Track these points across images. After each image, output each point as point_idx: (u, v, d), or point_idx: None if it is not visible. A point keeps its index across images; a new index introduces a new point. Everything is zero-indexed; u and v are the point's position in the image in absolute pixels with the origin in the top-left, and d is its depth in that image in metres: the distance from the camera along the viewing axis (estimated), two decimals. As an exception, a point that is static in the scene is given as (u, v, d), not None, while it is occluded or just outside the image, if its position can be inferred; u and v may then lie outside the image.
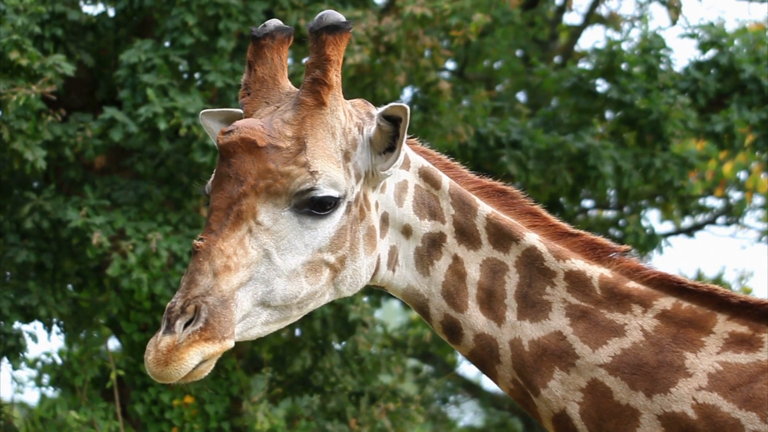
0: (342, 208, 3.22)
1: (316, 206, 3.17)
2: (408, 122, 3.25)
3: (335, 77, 3.20)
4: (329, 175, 3.16)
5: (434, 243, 3.29)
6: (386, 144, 3.28)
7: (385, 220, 3.30)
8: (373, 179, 3.28)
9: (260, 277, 3.15)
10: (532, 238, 3.27)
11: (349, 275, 3.24)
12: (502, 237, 3.27)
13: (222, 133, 3.26)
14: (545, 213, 3.37)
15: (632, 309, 3.16)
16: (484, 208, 3.32)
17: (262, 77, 3.32)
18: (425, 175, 3.35)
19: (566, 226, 3.35)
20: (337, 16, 3.26)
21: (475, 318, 3.26)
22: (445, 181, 3.34)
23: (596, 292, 3.20)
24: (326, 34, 3.20)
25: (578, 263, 3.24)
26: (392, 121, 3.27)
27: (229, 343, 3.12)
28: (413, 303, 3.33)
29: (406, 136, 3.28)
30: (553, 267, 3.24)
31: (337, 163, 3.20)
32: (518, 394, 3.26)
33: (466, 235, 3.29)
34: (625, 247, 3.30)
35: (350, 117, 3.30)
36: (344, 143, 3.25)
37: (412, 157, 3.37)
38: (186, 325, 3.11)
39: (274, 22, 3.36)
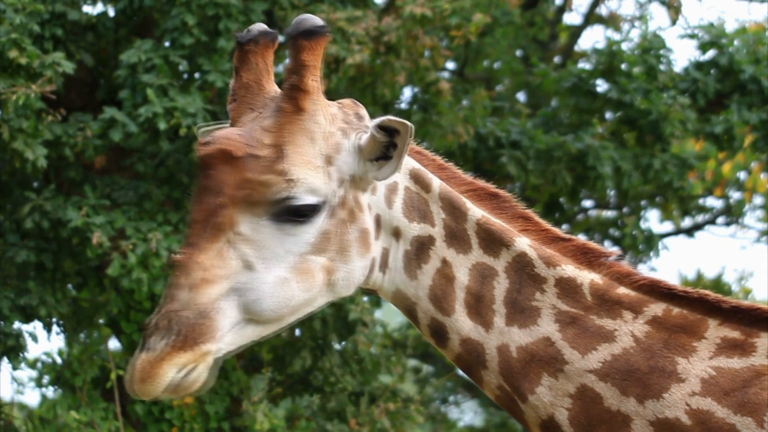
0: (323, 213, 3.19)
1: (294, 213, 3.14)
2: (410, 139, 3.18)
3: (312, 82, 3.16)
4: (307, 181, 3.14)
5: (423, 246, 3.25)
6: (378, 153, 3.23)
7: (378, 222, 3.27)
8: (362, 183, 3.24)
9: (243, 287, 3.13)
10: (523, 243, 3.23)
11: (341, 278, 3.21)
12: (492, 242, 3.24)
13: (200, 145, 3.23)
14: (537, 217, 3.32)
15: (623, 315, 3.12)
16: (475, 212, 3.27)
17: (248, 83, 3.29)
18: (416, 178, 3.30)
19: (557, 230, 3.30)
20: (314, 20, 3.22)
21: (461, 322, 3.22)
22: (436, 183, 3.30)
23: (586, 298, 3.16)
24: (302, 39, 3.17)
25: (568, 269, 3.19)
26: (389, 131, 3.22)
27: (207, 348, 3.09)
28: (402, 307, 3.30)
29: (407, 149, 3.21)
30: (543, 273, 3.20)
31: (316, 169, 3.17)
32: (505, 400, 3.21)
33: (456, 238, 3.25)
34: (616, 251, 3.26)
35: (333, 121, 3.24)
36: (325, 147, 3.21)
37: (403, 159, 3.32)
38: (163, 340, 3.10)
39: (258, 27, 3.32)
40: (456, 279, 3.22)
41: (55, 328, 12.74)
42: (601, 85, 14.71)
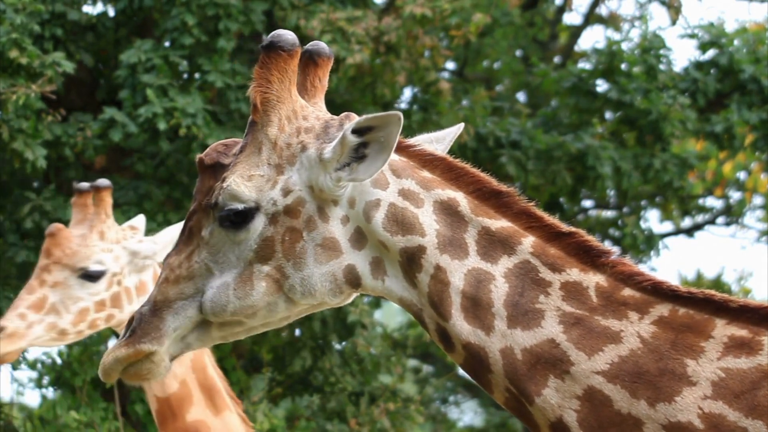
0: (259, 219, 3.26)
1: (228, 218, 3.27)
2: (398, 129, 3.16)
3: (263, 95, 3.26)
4: (230, 188, 3.25)
5: (413, 256, 3.26)
6: (347, 158, 3.23)
7: (360, 233, 3.28)
8: (324, 194, 3.25)
9: (202, 290, 3.29)
10: (526, 250, 3.22)
11: (297, 284, 3.26)
12: (493, 249, 3.23)
13: None
14: (539, 212, 3.32)
15: (628, 316, 3.10)
16: (477, 221, 3.27)
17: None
18: (405, 195, 3.29)
19: (559, 224, 3.29)
20: (283, 37, 3.28)
21: (459, 327, 3.22)
22: (432, 199, 3.28)
23: (592, 300, 3.16)
24: (261, 51, 3.29)
25: (574, 273, 3.19)
26: (360, 132, 3.21)
27: (147, 348, 3.29)
28: (411, 312, 3.33)
29: (394, 147, 3.19)
30: (548, 278, 3.19)
31: (250, 177, 3.26)
32: (513, 403, 3.21)
33: (451, 246, 3.23)
34: (613, 249, 3.25)
35: (297, 133, 3.29)
36: (274, 158, 3.28)
37: (391, 179, 3.30)
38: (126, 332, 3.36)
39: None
40: (451, 284, 3.22)
41: (55, 328, 12.72)
42: (601, 85, 14.73)
